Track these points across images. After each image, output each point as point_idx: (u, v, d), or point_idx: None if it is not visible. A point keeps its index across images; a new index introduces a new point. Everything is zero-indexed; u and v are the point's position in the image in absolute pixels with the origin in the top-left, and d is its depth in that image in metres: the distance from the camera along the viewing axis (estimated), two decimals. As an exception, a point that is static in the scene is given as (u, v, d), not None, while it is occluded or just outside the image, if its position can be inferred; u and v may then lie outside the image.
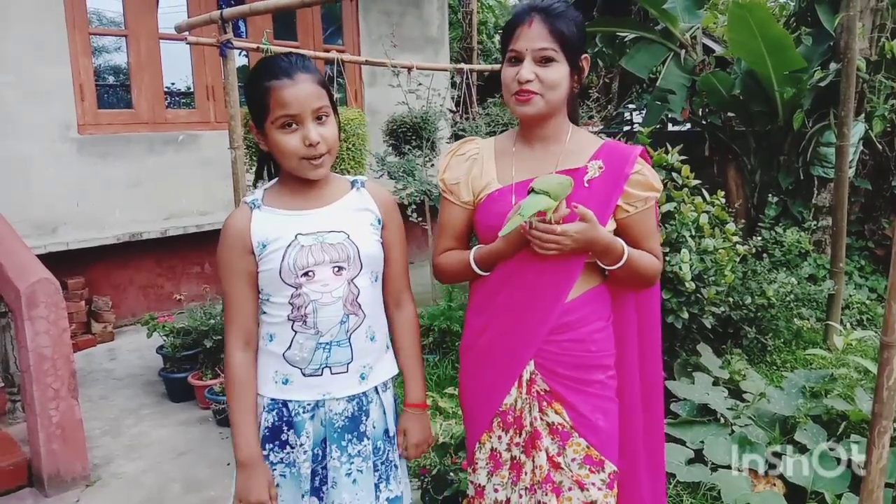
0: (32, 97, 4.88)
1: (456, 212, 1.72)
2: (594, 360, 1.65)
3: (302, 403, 1.61)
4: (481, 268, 1.66)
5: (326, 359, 1.60)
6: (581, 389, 1.63)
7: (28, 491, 3.06)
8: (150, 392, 4.24)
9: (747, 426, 2.94)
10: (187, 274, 6.00)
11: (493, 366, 1.68)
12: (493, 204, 1.63)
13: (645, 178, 1.63)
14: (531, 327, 1.62)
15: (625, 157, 1.62)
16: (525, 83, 1.54)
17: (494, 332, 1.68)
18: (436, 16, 7.59)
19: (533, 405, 1.64)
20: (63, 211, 5.10)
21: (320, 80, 1.56)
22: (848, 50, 4.20)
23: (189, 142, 5.76)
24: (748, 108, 5.68)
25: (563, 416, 1.63)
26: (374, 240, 1.64)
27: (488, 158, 1.70)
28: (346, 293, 1.59)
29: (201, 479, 3.17)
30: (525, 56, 1.55)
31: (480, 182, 1.67)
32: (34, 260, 3.14)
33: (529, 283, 1.61)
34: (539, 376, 1.64)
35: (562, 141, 1.67)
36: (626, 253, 1.58)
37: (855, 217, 5.90)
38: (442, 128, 5.12)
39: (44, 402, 2.97)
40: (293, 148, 1.52)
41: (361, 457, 1.64)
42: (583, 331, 1.63)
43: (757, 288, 3.96)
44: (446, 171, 1.73)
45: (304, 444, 1.62)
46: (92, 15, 5.41)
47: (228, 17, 3.84)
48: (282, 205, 1.61)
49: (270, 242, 1.56)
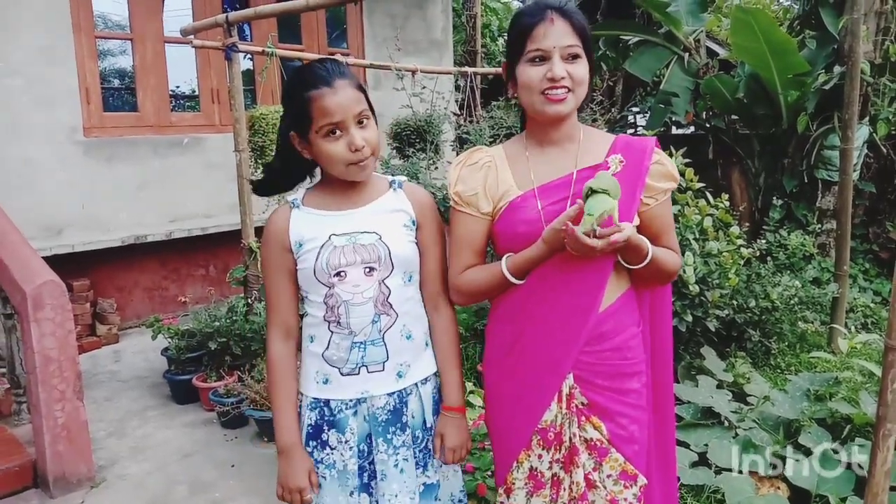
0: (39, 100, 4.91)
1: (474, 224, 1.63)
2: (630, 367, 1.61)
3: (344, 401, 1.65)
4: (517, 277, 1.57)
5: (362, 358, 1.63)
6: (620, 399, 1.59)
7: (33, 492, 3.07)
8: (154, 394, 4.25)
9: (751, 429, 2.94)
10: (192, 276, 6.02)
11: (530, 380, 1.61)
12: (516, 211, 1.57)
13: (664, 167, 1.60)
14: (570, 336, 1.56)
15: (642, 149, 1.58)
16: (560, 80, 1.50)
17: (530, 342, 1.60)
18: (440, 19, 7.60)
19: (572, 420, 1.59)
20: (69, 213, 5.12)
21: (357, 83, 1.59)
22: (852, 53, 4.20)
23: (194, 145, 5.78)
24: (752, 111, 5.68)
25: (602, 430, 1.59)
26: (406, 241, 1.65)
27: (502, 165, 1.63)
28: (376, 293, 1.61)
29: (206, 481, 3.18)
30: (552, 54, 1.50)
31: (498, 190, 1.60)
32: (40, 262, 3.15)
33: (564, 288, 1.55)
34: (578, 389, 1.59)
35: (576, 139, 1.62)
36: (650, 251, 1.53)
37: (859, 220, 5.89)
38: (446, 131, 5.13)
39: (49, 404, 2.98)
40: (340, 155, 1.55)
41: (406, 446, 1.67)
42: (618, 339, 1.59)
43: (761, 291, 3.96)
44: (458, 182, 1.64)
45: (348, 441, 1.65)
46: (98, 18, 5.44)
47: (233, 20, 3.86)
48: (320, 205, 1.64)
49: (306, 242, 1.60)
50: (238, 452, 3.45)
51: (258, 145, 4.25)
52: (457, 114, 5.64)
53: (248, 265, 4.09)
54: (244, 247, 4.10)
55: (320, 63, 1.60)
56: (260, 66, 5.08)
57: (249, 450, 3.47)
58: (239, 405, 3.60)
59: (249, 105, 4.46)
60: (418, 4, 7.39)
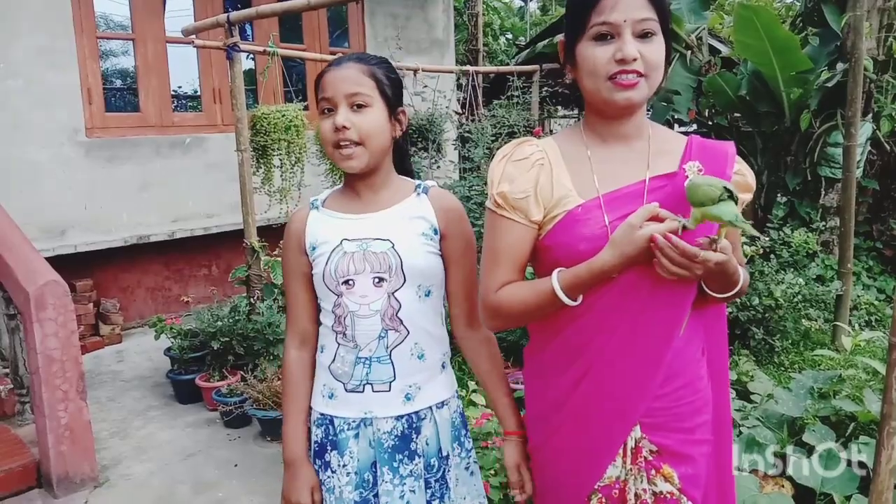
0: (41, 101, 4.91)
1: (520, 234, 1.32)
2: (702, 399, 1.38)
3: (346, 420, 1.53)
4: (571, 296, 1.26)
5: (367, 375, 1.50)
6: (692, 440, 1.37)
7: (37, 492, 3.08)
8: (157, 394, 4.26)
9: (755, 427, 2.93)
10: (195, 276, 6.03)
11: (594, 432, 1.35)
12: (577, 225, 1.27)
13: (744, 178, 1.36)
14: (644, 380, 1.30)
15: (723, 157, 1.33)
16: (631, 62, 1.22)
17: (594, 389, 1.32)
18: (441, 18, 7.60)
19: (640, 476, 1.35)
20: (71, 214, 5.12)
21: (370, 71, 1.47)
22: (855, 50, 4.18)
23: (196, 145, 5.78)
24: (755, 108, 5.67)
25: (673, 480, 1.35)
26: (424, 251, 1.49)
27: (557, 164, 1.33)
28: (384, 306, 1.48)
29: (209, 481, 3.18)
30: (623, 29, 1.22)
31: (552, 195, 1.30)
32: (43, 262, 3.15)
33: (639, 322, 1.28)
34: (646, 438, 1.34)
35: (645, 136, 1.35)
36: (741, 276, 1.30)
37: (863, 217, 5.88)
38: (448, 130, 5.14)
39: (52, 404, 2.99)
40: (325, 133, 1.46)
41: (413, 476, 1.52)
42: (690, 372, 1.35)
43: (765, 289, 3.95)
44: (503, 181, 1.32)
45: (346, 466, 1.51)
46: (99, 19, 5.45)
47: (235, 20, 3.86)
48: (338, 207, 1.55)
49: (319, 245, 1.51)
50: (241, 452, 3.45)
51: (260, 145, 4.25)
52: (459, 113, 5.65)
53: (251, 265, 4.09)
54: (246, 246, 4.10)
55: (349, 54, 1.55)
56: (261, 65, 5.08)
57: (252, 449, 3.47)
58: (242, 405, 3.60)
59: (251, 105, 4.46)
60: (420, 4, 7.38)
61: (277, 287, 4.09)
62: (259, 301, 4.12)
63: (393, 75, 1.54)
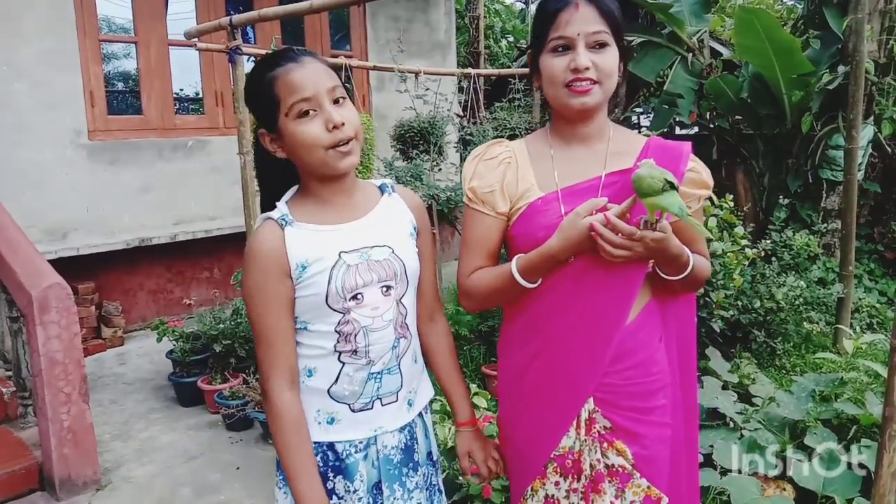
0: (43, 104, 4.93)
1: (489, 224, 1.49)
2: (656, 383, 1.50)
3: (353, 443, 1.42)
4: (528, 279, 1.41)
5: (378, 389, 1.43)
6: (644, 420, 1.48)
7: (39, 495, 3.08)
8: (159, 396, 4.26)
9: (757, 430, 2.93)
10: (197, 279, 6.04)
11: (549, 403, 1.48)
12: (537, 215, 1.43)
13: (699, 174, 1.49)
14: (593, 357, 1.43)
15: (677, 155, 1.46)
16: (584, 71, 1.38)
17: (548, 363, 1.47)
18: (443, 21, 7.61)
19: (594, 447, 1.47)
20: (73, 216, 5.13)
21: (328, 64, 1.39)
22: (856, 52, 4.19)
23: (198, 147, 5.79)
24: (756, 111, 5.67)
25: (626, 455, 1.47)
26: (414, 252, 1.48)
27: (523, 162, 1.49)
28: (395, 315, 1.43)
29: (211, 484, 3.18)
30: (577, 42, 1.38)
31: (517, 189, 1.47)
32: (46, 265, 3.16)
33: (590, 303, 1.42)
34: (599, 413, 1.47)
35: (605, 138, 1.49)
36: (691, 262, 1.42)
37: (864, 220, 5.88)
38: (449, 132, 5.14)
39: (55, 407, 2.99)
40: (315, 136, 1.31)
41: (419, 488, 1.51)
42: (643, 354, 1.47)
43: (766, 291, 3.95)
44: (474, 178, 1.49)
45: (357, 491, 1.42)
46: (102, 22, 5.46)
47: (237, 23, 3.87)
48: (315, 219, 1.39)
49: (311, 264, 1.35)
50: (243, 455, 3.45)
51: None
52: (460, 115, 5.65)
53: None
54: (248, 249, 4.10)
55: (276, 53, 1.39)
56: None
57: (254, 452, 3.48)
58: (244, 407, 3.61)
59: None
60: (422, 7, 7.40)
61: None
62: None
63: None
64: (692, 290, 1.57)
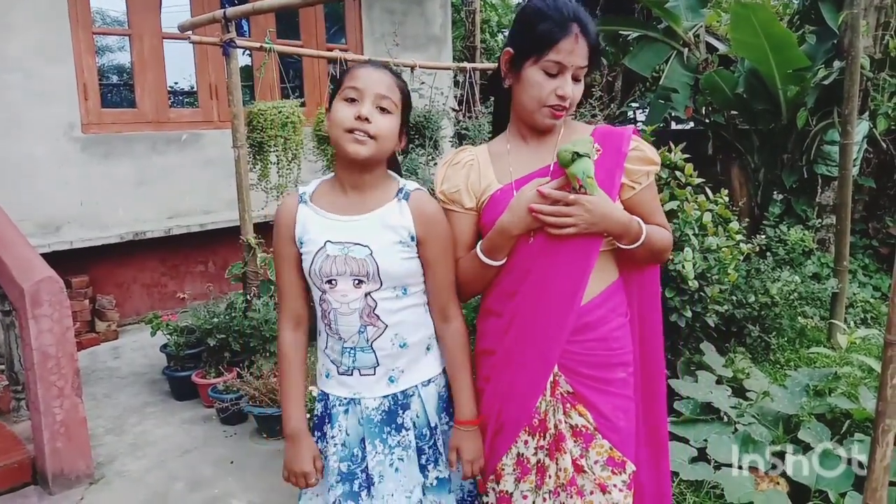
0: (36, 97, 4.89)
1: (461, 220, 1.68)
2: (616, 358, 1.64)
3: (339, 398, 1.69)
4: (491, 257, 1.59)
5: (353, 362, 1.66)
6: (603, 389, 1.62)
7: (32, 489, 3.07)
8: (153, 390, 4.25)
9: (751, 424, 2.94)
10: (191, 273, 6.02)
11: (523, 369, 1.63)
12: (497, 205, 1.60)
13: (643, 152, 1.63)
14: (555, 327, 1.58)
15: (619, 136, 1.62)
16: (566, 100, 1.55)
17: (518, 334, 1.63)
18: (439, 14, 7.58)
19: (557, 408, 1.62)
20: (67, 210, 5.11)
21: (400, 84, 1.61)
22: (852, 48, 4.19)
23: (192, 141, 5.76)
24: (751, 106, 5.68)
25: (587, 417, 1.61)
26: (399, 258, 1.61)
27: (485, 162, 1.67)
28: (362, 305, 1.61)
29: (205, 478, 3.18)
30: (567, 72, 1.53)
31: (480, 186, 1.65)
32: (38, 259, 3.14)
33: (548, 279, 1.57)
34: (563, 378, 1.62)
35: (557, 132, 1.66)
36: (644, 230, 1.57)
37: (859, 215, 5.89)
38: (445, 127, 5.12)
39: (48, 401, 2.98)
40: (342, 117, 1.55)
41: (401, 447, 1.67)
42: (603, 329, 1.62)
43: (760, 286, 3.95)
44: (443, 181, 1.69)
45: (335, 437, 1.68)
46: (96, 14, 5.42)
47: (231, 16, 3.85)
48: (325, 205, 1.64)
49: (306, 242, 1.62)
50: (237, 449, 3.45)
51: (256, 141, 4.25)
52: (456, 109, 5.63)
53: (247, 261, 4.08)
54: (243, 243, 4.09)
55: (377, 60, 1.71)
56: (258, 61, 5.07)
57: (248, 446, 3.47)
58: (238, 402, 3.60)
59: (248, 101, 4.45)
60: (417, 0, 7.37)
61: (274, 284, 4.08)
62: (255, 298, 4.11)
63: (409, 96, 1.68)
64: (657, 261, 1.71)
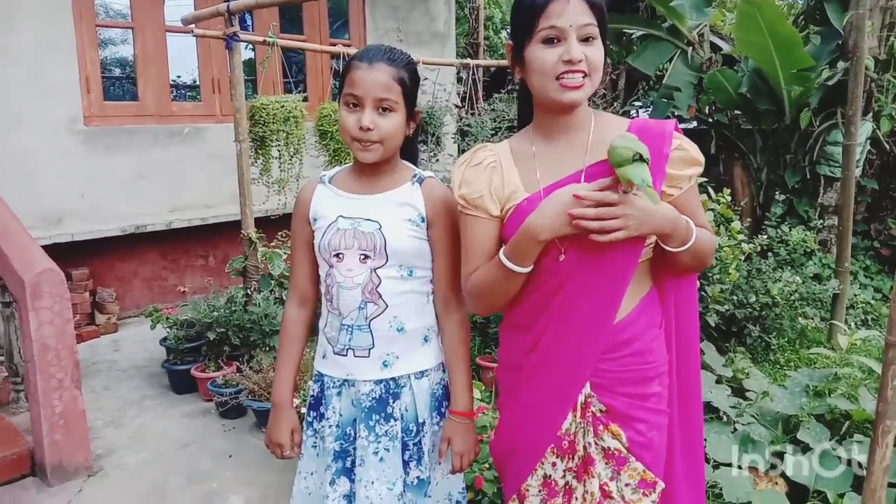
0: (39, 90, 4.89)
1: (485, 228, 1.49)
2: (652, 370, 1.50)
3: (333, 378, 1.72)
4: (515, 262, 1.40)
5: (350, 341, 1.67)
6: (640, 405, 1.49)
7: (31, 480, 3.08)
8: (153, 384, 4.25)
9: (750, 424, 2.94)
10: (192, 266, 6.02)
11: (549, 388, 1.50)
12: (524, 215, 1.40)
13: (686, 152, 1.44)
14: (587, 347, 1.45)
15: (661, 135, 1.41)
16: (577, 63, 1.35)
17: (545, 353, 1.49)
18: (442, 11, 7.57)
19: (588, 430, 1.49)
20: (68, 202, 5.11)
21: (399, 76, 1.59)
22: (856, 48, 4.17)
23: (194, 135, 5.76)
24: (755, 106, 5.66)
25: (621, 439, 1.48)
26: (407, 235, 1.64)
27: (507, 164, 1.49)
28: (366, 281, 1.64)
29: (204, 471, 3.18)
30: (569, 34, 1.35)
31: (504, 192, 1.47)
32: (39, 251, 3.14)
33: (581, 296, 1.43)
34: (595, 397, 1.49)
35: (587, 128, 1.47)
36: (693, 230, 1.40)
37: (861, 217, 5.88)
38: (447, 123, 5.12)
39: (47, 393, 2.98)
40: (347, 126, 1.59)
41: (388, 437, 1.67)
42: (639, 343, 1.48)
43: (761, 286, 3.95)
44: (462, 185, 1.50)
45: (330, 419, 1.71)
46: (99, 7, 5.42)
47: (235, 9, 3.85)
48: (342, 185, 1.71)
49: (319, 218, 1.68)
50: (236, 443, 3.45)
51: (258, 136, 4.24)
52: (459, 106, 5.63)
53: (248, 256, 4.08)
54: (244, 237, 4.09)
55: (377, 45, 1.67)
56: (261, 56, 5.06)
57: (247, 440, 3.47)
58: (237, 395, 3.60)
59: (250, 95, 4.44)
60: (421, -4, 7.35)
61: (274, 278, 4.08)
62: (255, 292, 4.11)
63: (416, 76, 1.66)
64: (700, 264, 1.52)
